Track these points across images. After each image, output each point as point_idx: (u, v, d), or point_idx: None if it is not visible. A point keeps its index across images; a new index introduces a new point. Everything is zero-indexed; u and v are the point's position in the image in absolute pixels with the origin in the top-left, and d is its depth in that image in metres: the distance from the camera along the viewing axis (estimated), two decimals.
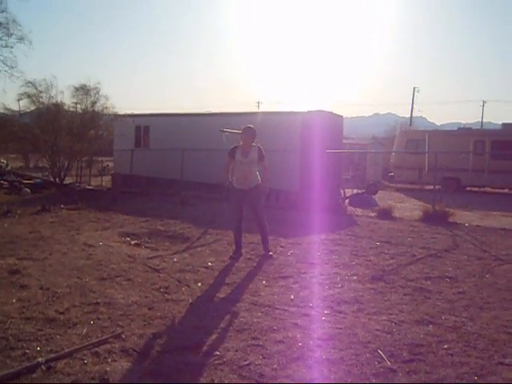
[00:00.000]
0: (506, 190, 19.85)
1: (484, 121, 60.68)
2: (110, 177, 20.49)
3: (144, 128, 18.23)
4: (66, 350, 3.54)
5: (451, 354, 3.70)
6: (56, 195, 14.61)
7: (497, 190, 20.11)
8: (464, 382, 3.25)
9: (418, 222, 10.86)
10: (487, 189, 20.50)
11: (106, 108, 17.22)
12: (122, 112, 18.34)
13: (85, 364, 3.36)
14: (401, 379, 3.25)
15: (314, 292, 5.30)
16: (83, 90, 17.00)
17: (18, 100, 17.63)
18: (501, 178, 19.05)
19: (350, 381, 3.22)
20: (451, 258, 7.23)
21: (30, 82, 16.63)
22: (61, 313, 4.36)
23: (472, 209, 13.57)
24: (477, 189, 20.63)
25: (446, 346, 3.84)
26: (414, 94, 53.68)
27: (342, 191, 14.61)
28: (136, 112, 19.24)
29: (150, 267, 6.17)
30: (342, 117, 15.83)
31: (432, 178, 13.60)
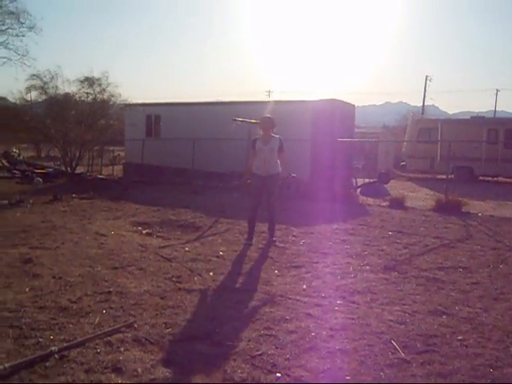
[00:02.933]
0: None
1: (497, 110, 59.98)
2: (122, 166, 20.53)
3: (155, 117, 18.21)
4: (79, 339, 3.54)
5: (465, 346, 3.66)
6: (68, 184, 14.67)
7: (510, 180, 19.88)
8: (479, 374, 3.21)
9: (430, 211, 10.78)
10: (500, 178, 20.27)
11: (114, 96, 17.21)
12: (132, 101, 18.33)
13: (98, 353, 3.37)
14: (415, 370, 3.22)
15: (327, 282, 5.27)
16: (88, 82, 17.01)
17: (27, 93, 17.68)
18: None
19: (363, 371, 3.20)
20: (464, 248, 7.17)
21: (34, 75, 16.67)
22: (73, 302, 4.37)
23: (485, 198, 13.42)
24: (490, 178, 20.41)
25: (460, 337, 3.80)
26: (426, 82, 53.14)
27: (353, 180, 14.52)
28: (147, 101, 19.17)
29: (161, 256, 6.18)
30: (353, 105, 15.70)
31: (444, 168, 13.50)
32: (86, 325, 3.87)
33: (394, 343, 3.63)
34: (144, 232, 7.83)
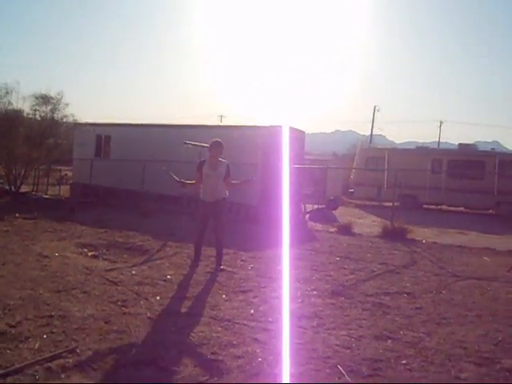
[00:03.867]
0: (462, 208, 20.36)
1: (441, 141, 62.40)
2: (69, 186, 19.99)
3: (105, 137, 17.90)
4: (17, 366, 3.39)
5: (409, 369, 3.73)
6: (11, 204, 14.14)
7: (452, 208, 20.61)
8: None
9: (377, 238, 11.02)
10: (443, 206, 20.99)
11: (66, 116, 16.91)
12: (82, 120, 18.00)
13: (36, 380, 3.23)
14: None
15: (274, 307, 5.27)
16: (43, 99, 16.66)
17: None
18: (457, 197, 19.57)
19: None
20: (409, 273, 7.35)
21: None
22: (12, 326, 4.19)
23: (429, 226, 13.85)
24: (433, 206, 21.11)
25: (404, 361, 3.88)
26: (374, 112, 54.80)
27: (302, 206, 14.68)
28: (96, 121, 18.83)
29: (107, 280, 6.02)
30: (303, 132, 15.96)
31: (391, 195, 13.87)
32: (25, 350, 3.71)
33: (340, 368, 3.66)
34: (90, 254, 7.62)
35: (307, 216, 14.57)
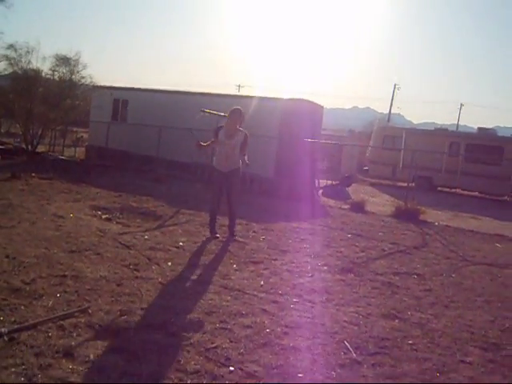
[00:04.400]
0: (476, 193, 20.19)
1: (460, 123, 61.58)
2: (85, 148, 20.10)
3: (122, 101, 17.89)
4: (31, 322, 3.47)
5: (415, 350, 3.76)
6: (27, 163, 14.25)
7: (467, 193, 20.44)
8: (426, 377, 3.31)
9: (389, 217, 10.98)
10: (458, 190, 20.81)
11: (84, 78, 16.90)
12: (100, 83, 17.98)
13: (49, 337, 3.30)
14: (365, 371, 3.29)
15: (284, 279, 5.32)
16: (63, 60, 16.64)
17: None
18: (472, 181, 19.36)
19: (315, 369, 3.25)
20: (420, 255, 7.34)
21: (11, 45, 16.12)
22: (27, 283, 4.27)
23: (442, 209, 13.76)
24: (448, 189, 20.94)
25: (410, 342, 3.90)
26: (394, 90, 54.07)
27: (316, 181, 14.65)
28: (115, 85, 18.80)
29: (120, 243, 6.09)
30: (322, 107, 15.81)
31: (406, 175, 13.78)
32: (39, 307, 3.79)
33: (347, 344, 3.70)
34: (103, 217, 7.69)
35: (320, 191, 14.55)
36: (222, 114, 11.70)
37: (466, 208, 14.85)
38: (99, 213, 7.96)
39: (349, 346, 3.65)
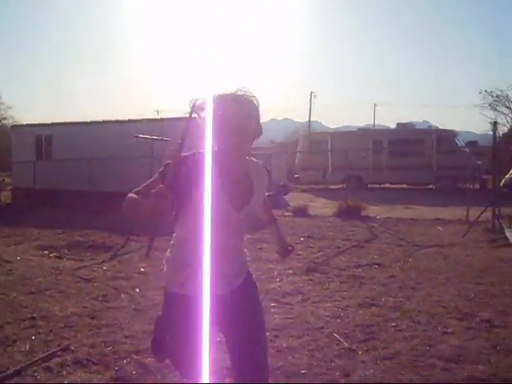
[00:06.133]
0: (404, 185, 21.12)
1: (376, 123, 64.05)
2: (10, 192, 19.16)
3: (45, 138, 17.26)
4: (14, 369, 3.29)
5: (400, 330, 3.92)
6: None
7: (396, 186, 21.32)
8: (418, 353, 3.45)
9: (333, 217, 11.29)
10: (387, 185, 21.67)
11: (5, 118, 16.26)
12: (20, 122, 17.32)
13: (38, 381, 3.15)
14: (362, 357, 3.39)
15: None
16: None
17: None
18: (399, 174, 20.27)
19: (315, 364, 3.30)
20: (373, 247, 7.62)
21: None
22: None
23: (377, 203, 14.27)
24: (378, 185, 21.75)
25: (393, 324, 4.06)
26: (311, 99, 55.44)
27: None
28: (36, 122, 18.14)
29: (80, 277, 5.89)
30: None
31: (336, 178, 14.21)
32: (16, 353, 3.60)
33: (337, 335, 3.79)
34: (52, 255, 7.41)
35: None
36: (155, 137, 11.61)
37: (398, 200, 15.51)
38: (46, 252, 7.66)
39: (339, 337, 3.74)
